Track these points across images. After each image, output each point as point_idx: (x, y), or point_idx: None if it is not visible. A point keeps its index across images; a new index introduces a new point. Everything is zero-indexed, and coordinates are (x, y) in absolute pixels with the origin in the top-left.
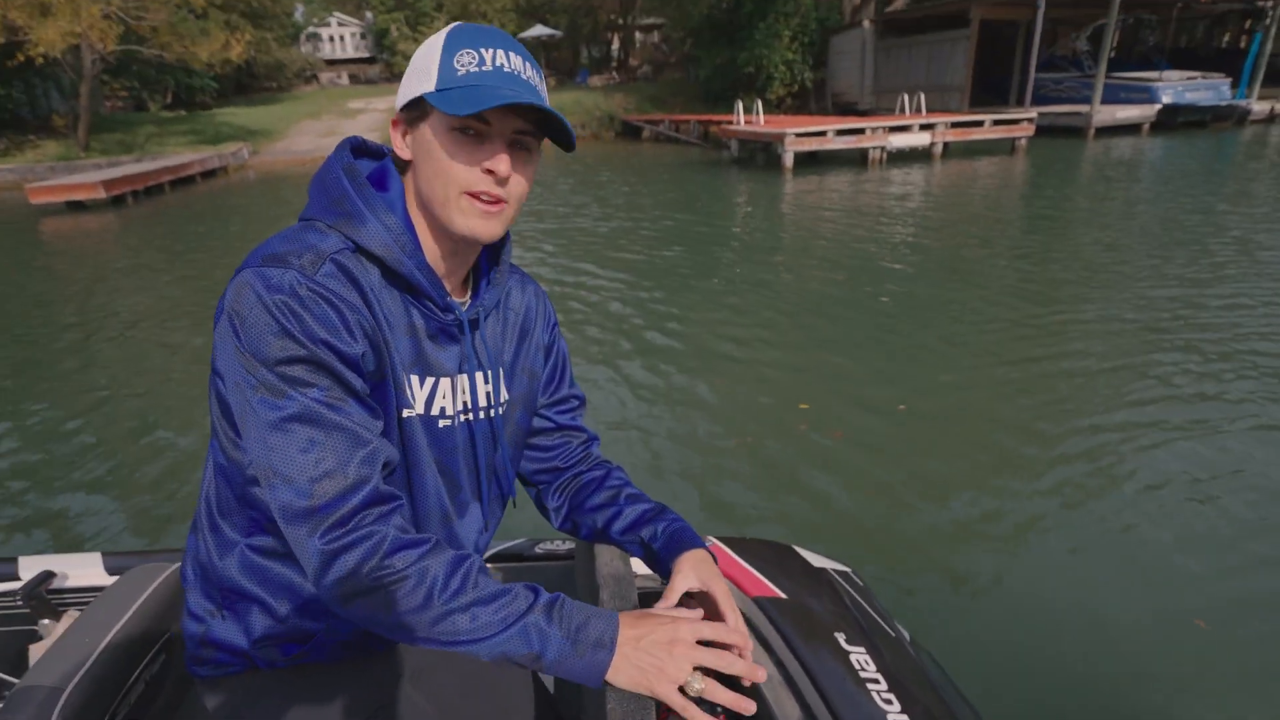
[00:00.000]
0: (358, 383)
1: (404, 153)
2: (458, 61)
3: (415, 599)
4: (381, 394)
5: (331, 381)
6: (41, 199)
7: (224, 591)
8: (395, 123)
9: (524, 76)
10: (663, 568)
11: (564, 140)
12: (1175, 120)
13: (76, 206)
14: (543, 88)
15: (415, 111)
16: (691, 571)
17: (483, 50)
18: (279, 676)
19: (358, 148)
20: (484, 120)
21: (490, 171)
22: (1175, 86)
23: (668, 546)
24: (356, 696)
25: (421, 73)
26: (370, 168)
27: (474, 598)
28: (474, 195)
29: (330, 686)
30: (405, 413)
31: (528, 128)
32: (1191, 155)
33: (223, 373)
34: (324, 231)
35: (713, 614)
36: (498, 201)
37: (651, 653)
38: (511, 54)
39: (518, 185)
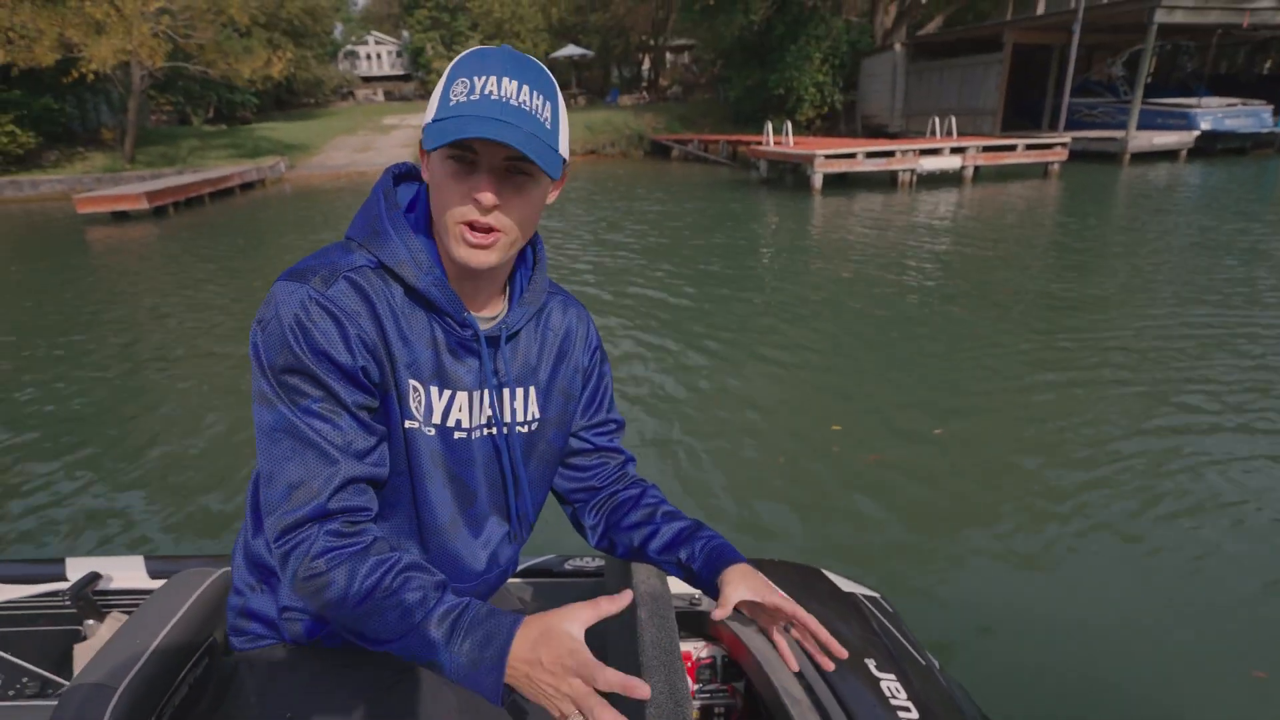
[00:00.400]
0: (352, 395)
1: (426, 177)
2: (452, 92)
3: (334, 596)
4: (385, 405)
5: (324, 395)
6: (88, 209)
7: (258, 567)
8: (420, 150)
9: (514, 102)
10: (705, 585)
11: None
12: (1214, 147)
13: (121, 216)
14: (547, 109)
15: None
16: (741, 583)
17: (475, 78)
18: (302, 653)
19: (403, 173)
20: (471, 149)
21: (475, 200)
22: (1214, 113)
23: (708, 564)
24: (380, 675)
25: (431, 102)
26: (415, 190)
27: (380, 600)
28: (467, 224)
29: (354, 666)
30: (408, 424)
31: (518, 154)
32: (1232, 182)
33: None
34: (352, 250)
35: (773, 622)
36: (489, 231)
37: (540, 687)
38: (505, 79)
39: (510, 213)
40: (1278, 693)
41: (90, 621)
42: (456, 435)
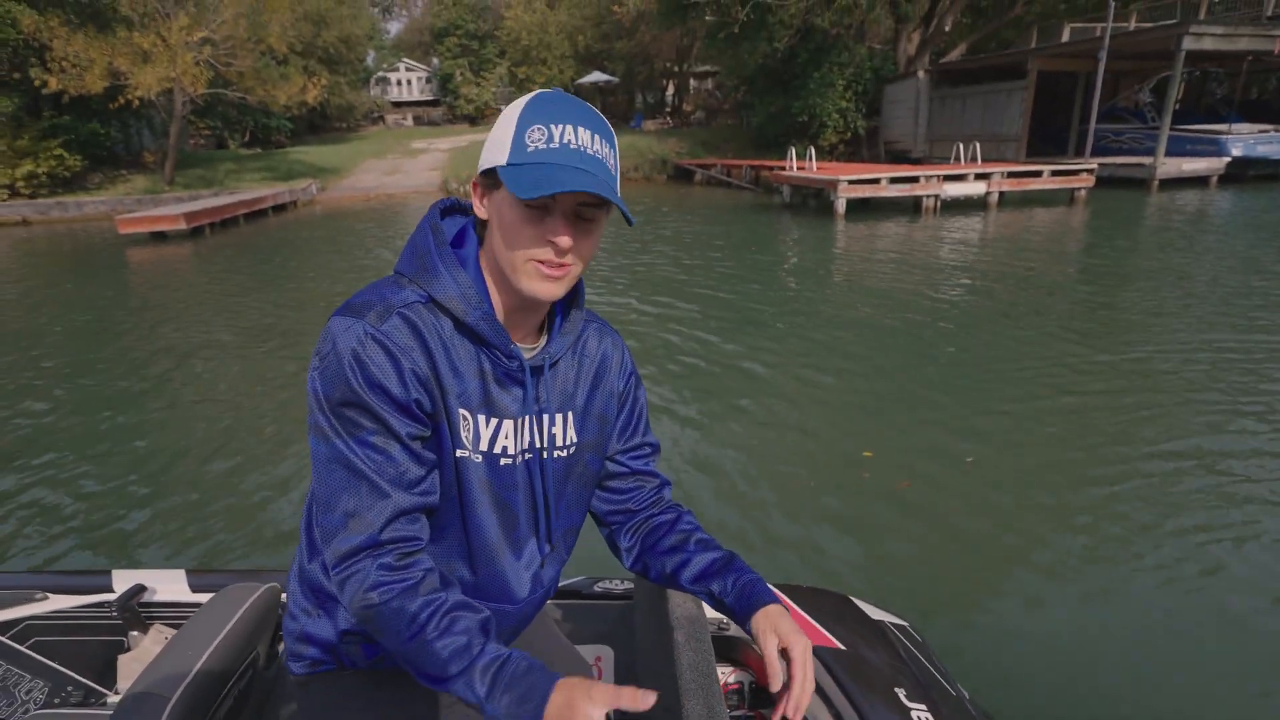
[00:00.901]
0: (405, 427)
1: (481, 213)
2: (528, 137)
3: (390, 630)
4: (437, 435)
5: (378, 426)
6: (129, 229)
7: (315, 592)
8: (475, 185)
9: (590, 151)
10: (736, 621)
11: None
12: (1246, 173)
13: (159, 236)
14: (612, 156)
15: (491, 179)
16: (772, 632)
17: (552, 126)
18: (360, 679)
19: (449, 208)
20: (549, 195)
21: (552, 242)
22: (1246, 139)
23: (740, 603)
24: (433, 701)
25: (499, 143)
26: (460, 224)
27: (430, 641)
28: (539, 262)
29: (409, 690)
30: (459, 453)
31: (590, 200)
32: (1270, 208)
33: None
34: (403, 286)
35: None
36: (561, 267)
37: None
38: (580, 129)
39: (580, 251)
40: None
41: (134, 633)
42: (503, 462)
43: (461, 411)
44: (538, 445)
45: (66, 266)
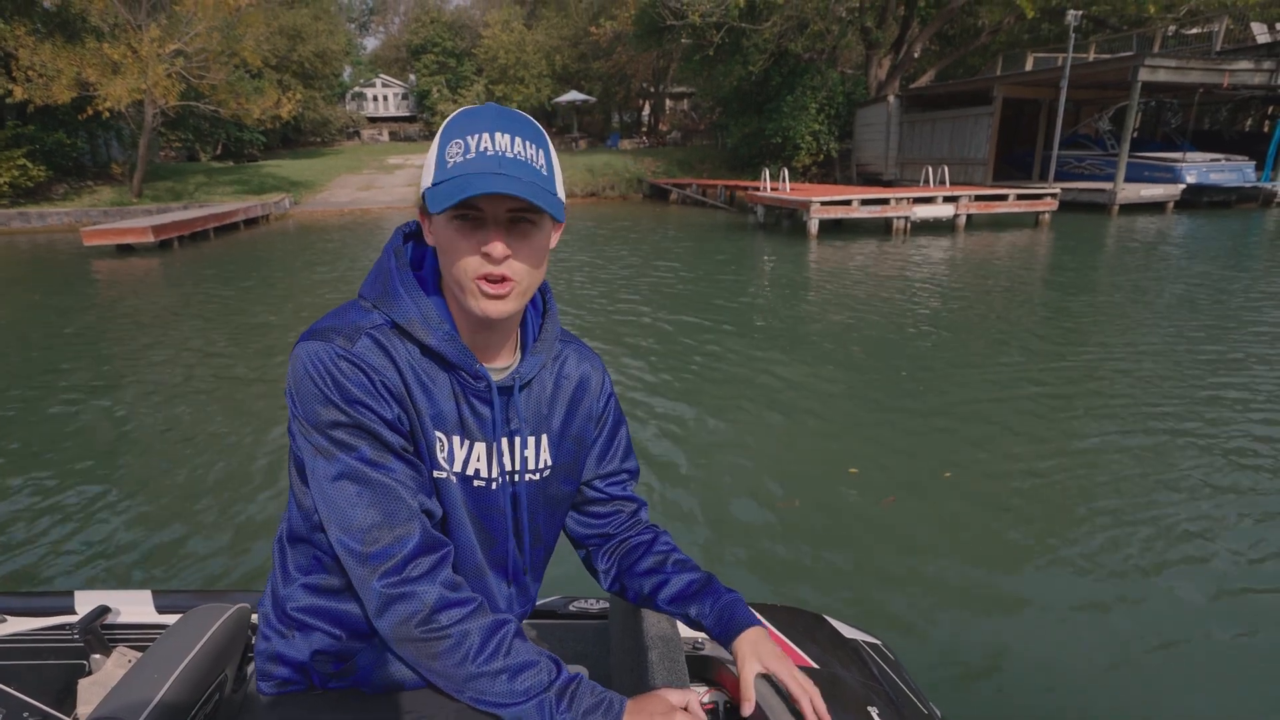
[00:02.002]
0: (397, 441)
1: (430, 240)
2: (448, 154)
3: (453, 657)
4: (417, 455)
5: (372, 441)
6: (94, 241)
7: (289, 615)
8: (421, 213)
9: (510, 155)
10: (718, 642)
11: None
12: (1200, 200)
13: (126, 249)
14: (539, 158)
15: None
16: (753, 657)
17: (468, 138)
18: (329, 699)
19: (412, 233)
20: (474, 207)
21: (486, 254)
22: (1199, 167)
23: (719, 626)
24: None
25: (427, 166)
26: (425, 247)
27: (503, 665)
28: (482, 277)
29: (377, 706)
30: (436, 474)
31: (521, 205)
32: (1219, 233)
33: (291, 433)
34: (367, 309)
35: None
36: (503, 281)
37: None
38: (498, 134)
39: (521, 260)
40: None
41: (96, 656)
42: (476, 484)
43: (437, 433)
44: (508, 469)
45: (27, 278)
